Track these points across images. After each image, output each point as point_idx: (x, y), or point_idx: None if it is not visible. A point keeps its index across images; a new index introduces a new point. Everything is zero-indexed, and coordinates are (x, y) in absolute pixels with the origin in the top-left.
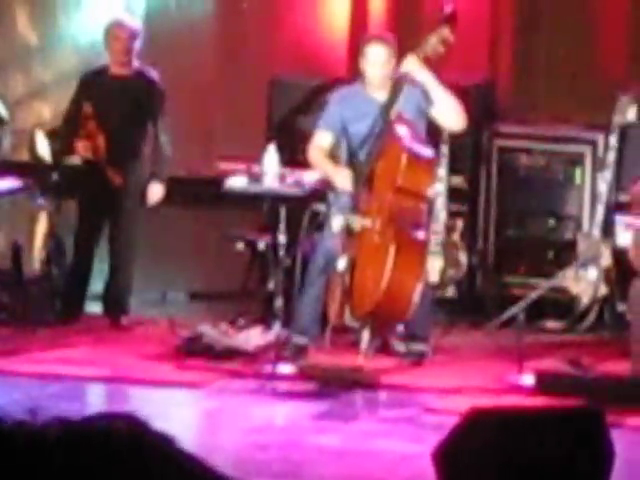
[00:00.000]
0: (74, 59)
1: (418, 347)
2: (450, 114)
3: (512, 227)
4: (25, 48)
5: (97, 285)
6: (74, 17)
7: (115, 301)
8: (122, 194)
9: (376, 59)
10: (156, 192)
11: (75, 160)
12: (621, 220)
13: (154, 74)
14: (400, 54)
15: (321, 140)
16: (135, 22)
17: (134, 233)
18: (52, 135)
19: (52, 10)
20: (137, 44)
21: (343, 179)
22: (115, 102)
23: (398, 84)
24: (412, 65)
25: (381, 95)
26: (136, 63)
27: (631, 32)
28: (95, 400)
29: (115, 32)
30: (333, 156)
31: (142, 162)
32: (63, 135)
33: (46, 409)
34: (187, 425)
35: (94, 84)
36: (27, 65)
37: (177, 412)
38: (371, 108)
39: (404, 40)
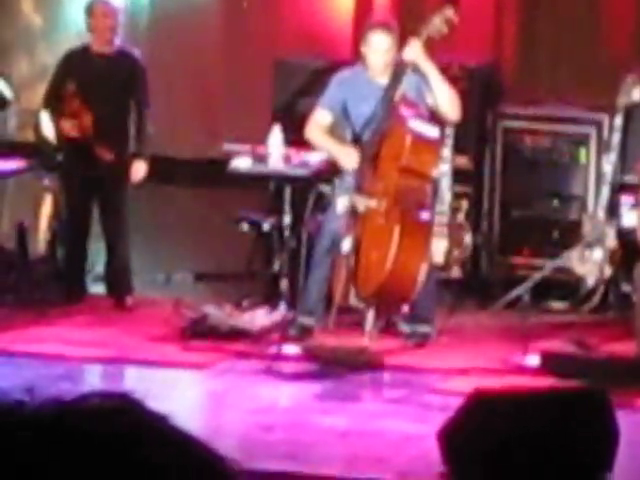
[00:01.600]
0: (78, 41)
1: (423, 328)
2: (446, 105)
3: (517, 208)
4: (30, 31)
5: (101, 266)
6: (78, 2)
7: (117, 279)
8: (111, 172)
9: (378, 47)
10: (139, 169)
11: (51, 137)
12: (626, 201)
13: (137, 52)
14: (404, 36)
15: (320, 118)
16: (117, 1)
17: (124, 210)
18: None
19: None
20: (119, 22)
21: (349, 158)
22: (99, 80)
23: (401, 67)
24: (415, 52)
25: (383, 79)
26: (118, 42)
27: (636, 12)
28: (100, 381)
29: (102, 9)
30: (336, 136)
31: (126, 140)
32: (46, 112)
33: (45, 389)
34: (192, 406)
35: (77, 63)
36: (32, 48)
37: (182, 393)
38: (372, 91)
39: (408, 22)
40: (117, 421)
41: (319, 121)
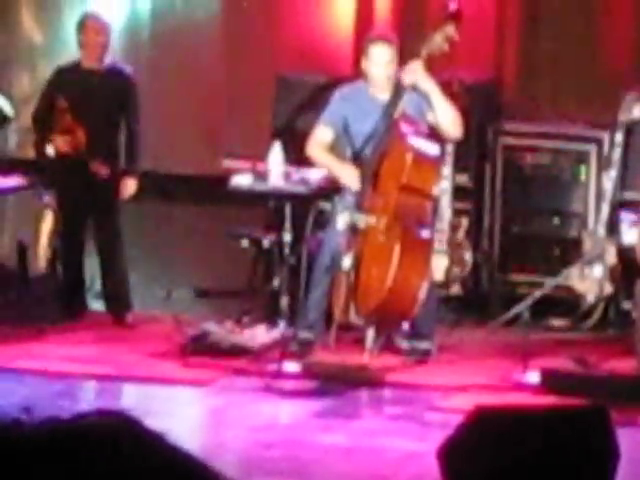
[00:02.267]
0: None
1: (423, 345)
2: (448, 123)
3: (517, 225)
4: (30, 48)
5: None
6: (79, 17)
7: (115, 296)
8: (104, 188)
9: (380, 59)
10: (130, 186)
11: (50, 153)
12: (626, 218)
13: (128, 69)
14: (405, 52)
15: (321, 135)
16: (106, 18)
17: (118, 226)
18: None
19: (57, 10)
20: (109, 39)
21: (350, 176)
22: (90, 96)
23: (401, 83)
24: (415, 75)
25: (384, 95)
26: (108, 58)
27: (636, 30)
28: (100, 398)
29: (93, 26)
30: (336, 153)
31: (118, 156)
32: (37, 130)
33: (46, 406)
34: (192, 423)
35: (67, 78)
36: (32, 64)
37: (182, 410)
38: (373, 107)
39: (409, 38)
40: (113, 440)
41: (320, 138)
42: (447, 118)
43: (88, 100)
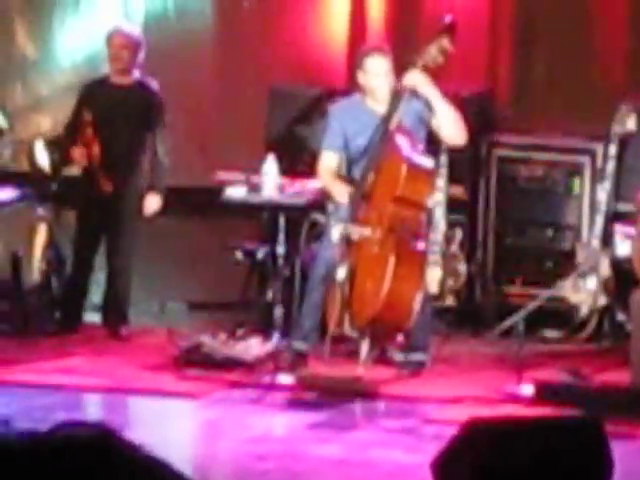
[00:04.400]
0: (71, 72)
1: (417, 357)
2: (451, 129)
3: (511, 237)
4: (24, 61)
5: (96, 295)
6: (72, 32)
7: (114, 311)
8: (120, 204)
9: (379, 70)
10: (153, 203)
11: (74, 170)
12: (620, 230)
13: (154, 85)
14: (398, 64)
15: (327, 162)
16: (136, 31)
17: (132, 243)
18: (51, 145)
19: (50, 24)
20: (138, 54)
21: (339, 192)
22: (114, 111)
23: (397, 94)
24: (415, 80)
25: (381, 108)
26: (137, 73)
27: (630, 42)
28: (94, 410)
29: (113, 40)
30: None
31: (140, 172)
32: (63, 143)
33: (38, 420)
34: (186, 435)
35: (95, 93)
36: (26, 77)
37: (176, 422)
38: (372, 120)
39: (403, 50)
40: (89, 452)
41: (327, 165)
42: (450, 123)
43: (112, 115)
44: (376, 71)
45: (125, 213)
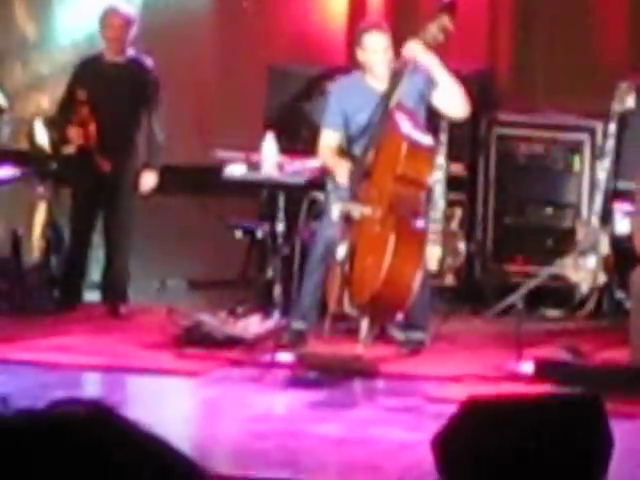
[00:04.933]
0: (71, 52)
1: (417, 335)
2: (454, 101)
3: (511, 215)
4: (24, 41)
5: (95, 273)
6: (71, 11)
7: (113, 289)
8: (116, 182)
9: (377, 47)
10: (149, 180)
11: (70, 149)
12: (620, 208)
13: (149, 62)
14: (398, 42)
15: (327, 140)
16: (130, 9)
17: (129, 221)
18: (51, 124)
19: (50, 4)
20: (132, 32)
21: (341, 173)
22: (109, 89)
23: (398, 72)
24: (415, 50)
25: (381, 85)
26: (131, 51)
27: (630, 19)
28: (93, 389)
29: (108, 19)
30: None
31: (135, 150)
32: (58, 122)
33: (37, 398)
34: (186, 414)
35: (89, 71)
36: (25, 57)
37: (176, 401)
38: (372, 98)
39: (403, 28)
40: (86, 429)
41: (326, 143)
42: (451, 93)
43: (107, 92)
44: (374, 47)
45: (122, 190)
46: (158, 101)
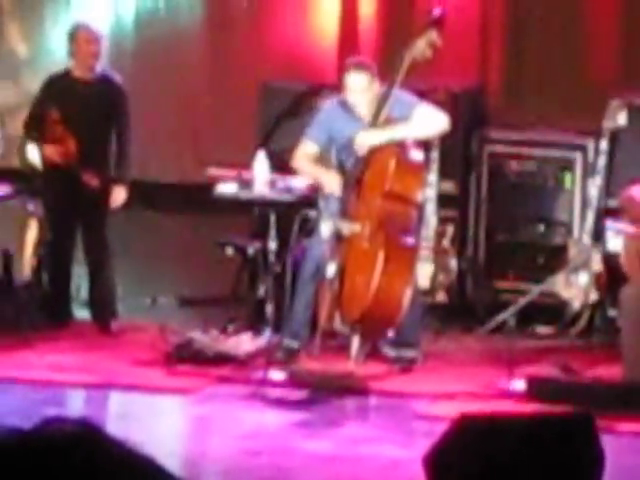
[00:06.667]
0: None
1: (408, 353)
2: (431, 135)
3: (502, 232)
4: (15, 58)
5: (86, 291)
6: (63, 29)
7: (101, 305)
8: (94, 198)
9: (356, 87)
10: (119, 195)
11: (36, 162)
12: (611, 225)
13: (118, 78)
14: (390, 59)
15: (305, 149)
16: (97, 26)
17: (107, 235)
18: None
19: (41, 21)
20: (102, 48)
21: (331, 183)
22: (81, 106)
23: (384, 97)
24: (365, 141)
25: (369, 116)
26: (99, 67)
27: (621, 37)
28: (85, 406)
29: (86, 36)
30: (322, 160)
31: (108, 165)
32: (25, 137)
33: (29, 416)
34: (177, 431)
35: (58, 88)
36: (17, 75)
37: (167, 418)
38: (359, 117)
39: (394, 45)
40: (75, 448)
41: (304, 151)
42: (425, 134)
43: (79, 110)
44: (353, 87)
45: (99, 206)
46: (128, 116)
